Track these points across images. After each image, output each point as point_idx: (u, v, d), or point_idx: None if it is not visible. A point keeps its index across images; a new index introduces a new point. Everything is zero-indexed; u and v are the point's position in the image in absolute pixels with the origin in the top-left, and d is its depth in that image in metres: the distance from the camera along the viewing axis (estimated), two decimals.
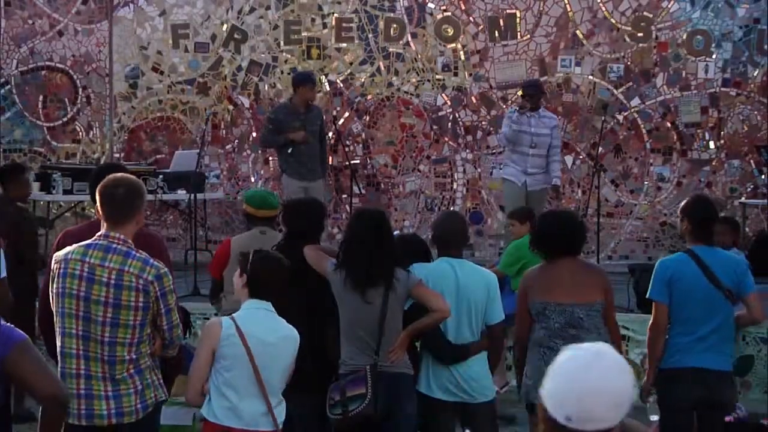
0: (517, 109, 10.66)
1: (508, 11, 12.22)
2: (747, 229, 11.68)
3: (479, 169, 12.26)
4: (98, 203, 4.83)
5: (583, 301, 5.89)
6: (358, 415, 5.56)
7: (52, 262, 4.87)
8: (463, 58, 12.28)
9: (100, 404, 4.77)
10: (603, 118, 11.43)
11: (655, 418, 6.33)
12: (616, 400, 2.51)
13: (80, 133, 12.54)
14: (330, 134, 12.18)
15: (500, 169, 11.35)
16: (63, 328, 4.81)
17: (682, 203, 6.34)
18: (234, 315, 5.21)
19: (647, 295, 6.25)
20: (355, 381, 5.61)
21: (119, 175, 4.97)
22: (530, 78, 11.71)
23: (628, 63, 12.14)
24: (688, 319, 6.06)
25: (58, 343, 4.85)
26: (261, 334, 5.12)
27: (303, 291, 5.86)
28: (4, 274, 6.39)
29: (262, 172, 12.36)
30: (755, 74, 12.11)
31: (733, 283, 6.09)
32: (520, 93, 11.14)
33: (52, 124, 12.53)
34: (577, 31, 12.16)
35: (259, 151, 12.25)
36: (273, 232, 6.75)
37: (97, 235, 4.84)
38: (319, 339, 5.85)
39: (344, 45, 12.36)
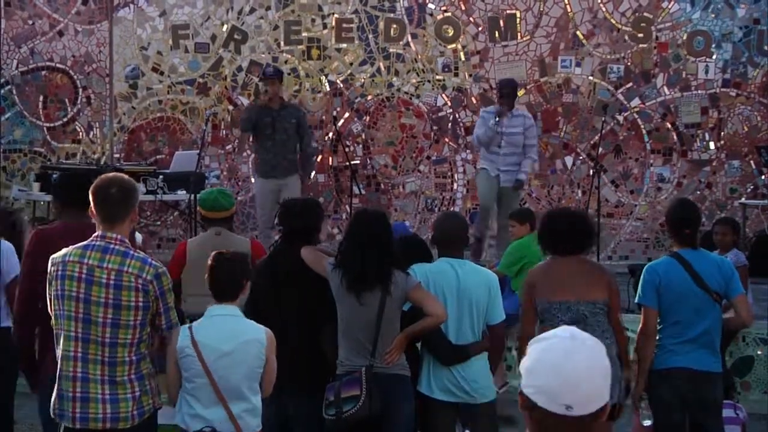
0: (496, 112, 10.62)
1: (508, 12, 12.22)
2: (747, 230, 11.68)
3: None
4: (92, 204, 4.82)
5: (587, 299, 5.92)
6: (351, 416, 5.56)
7: (49, 264, 4.85)
8: (463, 58, 12.28)
9: (96, 407, 4.75)
10: (603, 118, 11.44)
11: (648, 423, 6.34)
12: (605, 375, 2.57)
13: (80, 134, 12.54)
14: (330, 134, 12.18)
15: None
16: (62, 331, 4.79)
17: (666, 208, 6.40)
18: (192, 324, 5.17)
19: (636, 300, 6.27)
20: (350, 382, 5.60)
21: (111, 174, 4.97)
22: (508, 78, 11.61)
23: (628, 63, 12.14)
24: (678, 323, 6.10)
25: (57, 346, 4.84)
26: (217, 343, 5.07)
27: (300, 292, 5.86)
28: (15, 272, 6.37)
29: None
30: (755, 75, 12.11)
31: (720, 286, 6.12)
32: (497, 94, 10.98)
33: (52, 125, 12.54)
34: (578, 32, 12.16)
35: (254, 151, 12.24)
36: (228, 233, 6.73)
37: (93, 236, 4.83)
38: (316, 340, 5.84)
39: (344, 45, 12.36)
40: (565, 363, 2.52)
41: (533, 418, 2.56)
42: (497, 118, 10.56)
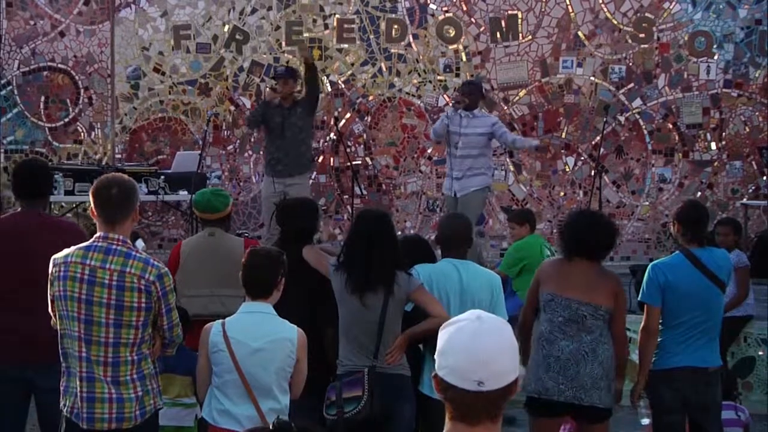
0: (453, 103, 10.49)
1: (509, 12, 12.22)
2: (749, 231, 11.68)
3: None
4: (93, 205, 4.83)
5: (590, 301, 5.92)
6: (353, 417, 5.56)
7: (51, 264, 4.85)
8: (464, 59, 12.28)
9: (102, 407, 4.76)
10: (604, 119, 11.42)
11: (646, 421, 6.36)
12: (512, 352, 2.76)
13: (82, 134, 12.54)
14: (331, 135, 12.18)
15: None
16: (65, 331, 4.80)
17: (676, 208, 6.46)
18: (226, 319, 5.22)
19: (639, 298, 6.29)
20: (352, 383, 5.60)
21: (110, 175, 4.99)
22: (474, 78, 11.58)
23: (630, 64, 12.14)
24: (684, 323, 6.12)
25: (61, 345, 4.85)
26: (249, 339, 5.11)
27: (300, 291, 5.86)
28: None
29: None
30: (757, 75, 12.11)
31: (727, 278, 6.26)
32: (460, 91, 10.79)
33: (53, 125, 12.54)
34: (579, 32, 12.16)
35: (261, 152, 12.26)
36: (223, 234, 6.70)
37: (95, 236, 4.84)
38: (317, 340, 5.84)
39: (346, 46, 12.36)
40: (473, 343, 2.71)
41: (448, 398, 2.75)
42: (455, 103, 10.36)
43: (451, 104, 10.62)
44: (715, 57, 12.11)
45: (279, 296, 5.24)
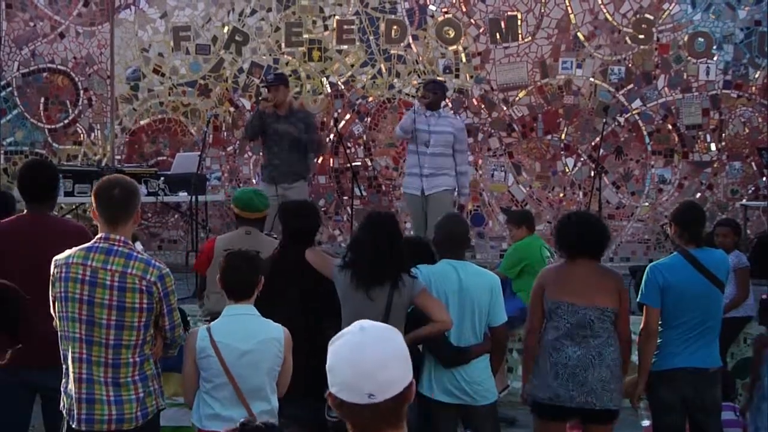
0: (420, 98, 10.47)
1: (509, 13, 12.22)
2: (748, 231, 11.68)
3: (480, 171, 12.25)
4: (95, 206, 4.84)
5: (596, 305, 5.92)
6: None
7: (53, 265, 4.85)
8: (464, 60, 12.28)
9: (102, 409, 4.77)
10: (604, 120, 11.42)
11: (646, 423, 6.37)
12: (399, 358, 2.66)
13: (81, 135, 12.54)
14: (331, 136, 12.18)
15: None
16: (66, 332, 4.80)
17: (673, 210, 6.50)
18: (211, 324, 5.21)
19: (638, 300, 6.31)
20: None
21: (113, 176, 5.00)
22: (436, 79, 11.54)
23: (629, 65, 12.14)
24: (683, 323, 6.14)
25: (62, 347, 4.86)
26: (237, 342, 5.09)
27: (303, 293, 5.87)
28: None
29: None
30: (756, 76, 12.10)
31: (725, 278, 6.30)
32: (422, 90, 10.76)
33: (53, 126, 12.54)
34: (578, 33, 12.16)
35: (260, 153, 12.25)
36: (258, 233, 6.73)
37: (97, 237, 4.85)
38: (316, 340, 5.84)
39: (345, 47, 12.36)
40: (356, 355, 2.63)
41: (344, 414, 2.67)
42: (421, 98, 10.38)
43: (417, 101, 10.62)
44: (715, 58, 12.11)
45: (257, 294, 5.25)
